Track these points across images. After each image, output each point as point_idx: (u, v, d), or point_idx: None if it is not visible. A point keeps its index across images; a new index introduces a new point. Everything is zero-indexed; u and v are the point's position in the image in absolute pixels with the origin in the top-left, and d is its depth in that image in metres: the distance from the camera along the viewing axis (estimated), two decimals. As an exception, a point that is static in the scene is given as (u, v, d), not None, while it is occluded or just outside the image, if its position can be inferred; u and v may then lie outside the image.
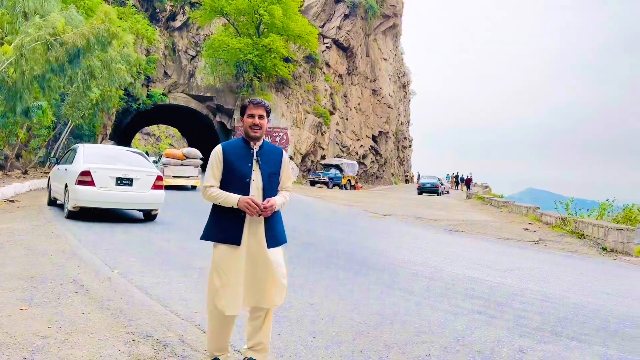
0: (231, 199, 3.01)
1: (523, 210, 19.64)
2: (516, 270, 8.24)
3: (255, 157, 3.14)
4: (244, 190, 3.06)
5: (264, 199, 3.08)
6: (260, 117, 3.14)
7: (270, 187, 3.14)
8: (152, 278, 5.58)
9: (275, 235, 3.15)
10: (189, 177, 19.06)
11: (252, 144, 3.17)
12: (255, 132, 3.12)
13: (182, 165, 19.24)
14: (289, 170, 3.34)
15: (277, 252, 3.16)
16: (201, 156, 20.26)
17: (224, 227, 3.09)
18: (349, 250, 9.04)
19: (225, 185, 3.10)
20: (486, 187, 48.51)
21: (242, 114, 3.19)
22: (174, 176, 18.40)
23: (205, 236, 3.16)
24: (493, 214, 19.96)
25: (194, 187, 19.31)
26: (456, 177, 52.00)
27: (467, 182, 46.44)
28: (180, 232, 9.69)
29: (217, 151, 3.15)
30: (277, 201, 3.11)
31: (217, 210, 3.15)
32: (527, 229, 14.77)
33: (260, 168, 3.13)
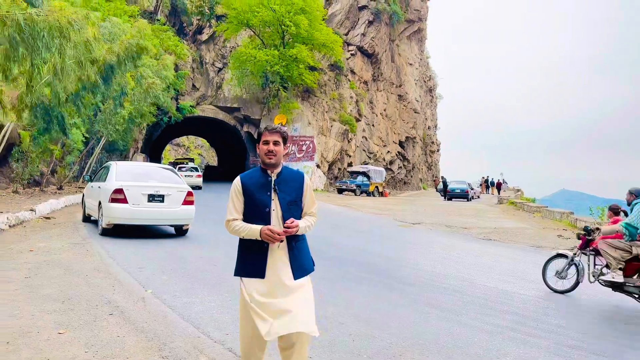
0: (254, 231, 2.97)
1: (557, 215, 19.19)
2: (551, 281, 8.03)
3: (273, 185, 3.08)
4: (265, 220, 3.01)
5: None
6: (275, 143, 3.06)
7: (291, 216, 3.04)
8: (185, 297, 5.65)
9: (301, 265, 3.08)
10: None
11: (269, 171, 3.11)
12: (270, 159, 3.06)
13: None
14: (312, 195, 3.24)
15: (304, 282, 3.08)
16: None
17: (248, 260, 3.05)
18: (378, 263, 8.98)
19: (247, 217, 3.06)
20: (518, 190, 47.59)
21: (258, 141, 3.13)
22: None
23: (235, 271, 3.12)
24: (526, 220, 19.56)
25: None
26: (486, 181, 51.15)
27: (498, 186, 45.64)
28: (211, 247, 9.80)
29: (236, 183, 3.11)
30: (299, 224, 3.02)
31: (242, 244, 3.11)
32: (561, 235, 14.41)
33: (279, 197, 3.06)
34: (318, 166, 34.09)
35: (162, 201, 9.99)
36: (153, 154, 43.47)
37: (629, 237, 6.61)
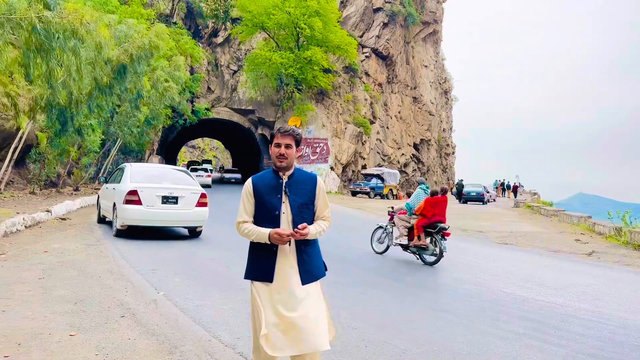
0: (263, 234, 2.91)
1: (574, 219, 18.86)
2: (569, 287, 7.88)
3: (283, 187, 3.01)
4: (275, 223, 2.94)
5: None
6: (288, 146, 2.99)
7: (301, 220, 2.96)
8: (196, 300, 5.62)
9: (310, 270, 2.99)
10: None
11: (281, 174, 3.04)
12: (281, 162, 2.99)
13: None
14: (325, 198, 3.15)
15: (313, 288, 2.98)
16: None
17: (256, 263, 2.99)
18: (391, 267, 8.88)
19: (257, 219, 3.01)
20: (535, 194, 46.99)
21: (271, 143, 3.08)
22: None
23: (245, 274, 3.06)
24: (543, 224, 19.26)
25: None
26: (502, 184, 50.59)
27: (514, 190, 45.11)
28: (223, 248, 9.78)
29: (247, 185, 3.06)
30: (310, 229, 2.93)
31: (252, 247, 3.07)
32: (579, 240, 14.16)
33: (289, 199, 3.00)
34: (332, 168, 34.02)
35: (176, 203, 10.00)
36: (168, 155, 43.81)
37: (409, 213, 9.79)
